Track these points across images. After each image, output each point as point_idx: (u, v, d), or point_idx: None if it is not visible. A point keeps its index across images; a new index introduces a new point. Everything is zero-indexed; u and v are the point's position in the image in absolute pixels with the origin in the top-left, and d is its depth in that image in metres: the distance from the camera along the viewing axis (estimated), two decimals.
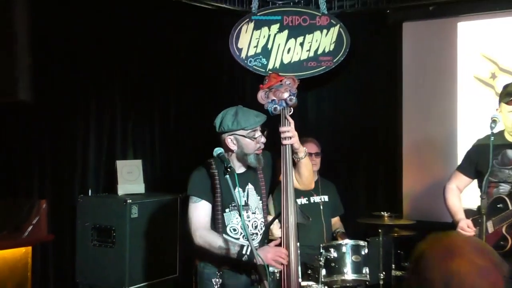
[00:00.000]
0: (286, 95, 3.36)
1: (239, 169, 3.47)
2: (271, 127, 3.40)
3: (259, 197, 3.44)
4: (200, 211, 3.39)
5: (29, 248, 4.10)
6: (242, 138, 3.36)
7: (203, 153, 4.34)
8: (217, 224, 3.40)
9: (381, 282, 4.50)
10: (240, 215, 3.25)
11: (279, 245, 3.31)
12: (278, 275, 3.66)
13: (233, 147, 3.38)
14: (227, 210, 3.40)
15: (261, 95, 3.42)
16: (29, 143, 4.39)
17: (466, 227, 3.79)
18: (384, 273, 4.45)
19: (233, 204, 3.40)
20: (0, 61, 3.66)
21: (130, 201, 4.34)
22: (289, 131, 3.30)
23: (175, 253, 4.67)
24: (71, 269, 4.46)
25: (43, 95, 4.33)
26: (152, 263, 4.49)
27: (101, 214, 4.39)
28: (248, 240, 3.15)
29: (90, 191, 4.62)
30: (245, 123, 3.32)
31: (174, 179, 5.22)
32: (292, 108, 3.38)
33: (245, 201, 3.44)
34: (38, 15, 4.14)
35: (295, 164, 3.42)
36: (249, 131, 3.33)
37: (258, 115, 3.34)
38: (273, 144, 3.40)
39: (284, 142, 3.33)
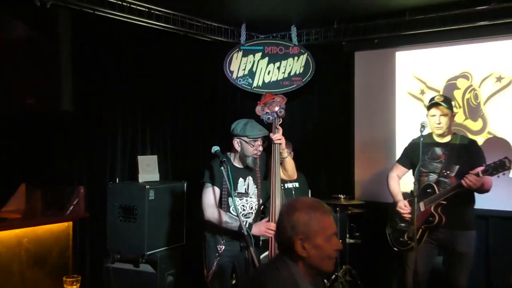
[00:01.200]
0: (277, 108, 3.50)
1: (241, 165, 3.53)
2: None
3: (255, 186, 3.54)
4: (211, 194, 3.46)
5: (70, 223, 4.08)
6: (245, 143, 3.44)
7: (203, 151, 4.38)
8: (223, 205, 3.46)
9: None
10: (232, 198, 3.31)
11: (268, 221, 3.39)
12: (261, 242, 3.70)
13: (238, 148, 3.50)
14: (234, 195, 3.44)
15: (258, 109, 3.57)
16: (71, 143, 4.36)
17: (403, 206, 3.82)
18: (340, 241, 4.44)
19: (236, 191, 3.46)
20: (49, 78, 3.66)
21: (148, 186, 4.31)
22: (278, 137, 3.43)
23: (182, 226, 4.66)
24: (103, 239, 4.42)
25: (82, 106, 4.33)
26: (165, 234, 4.47)
27: (126, 197, 4.35)
28: (239, 218, 3.27)
29: (117, 179, 4.59)
30: (250, 133, 3.42)
31: (180, 170, 5.22)
32: (281, 119, 3.52)
33: (245, 189, 3.55)
34: (80, 44, 4.13)
35: (281, 162, 3.50)
36: (251, 139, 3.40)
37: (261, 129, 3.45)
38: (267, 145, 3.50)
39: (274, 142, 3.42)
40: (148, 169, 4.66)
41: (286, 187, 4.73)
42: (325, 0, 4.65)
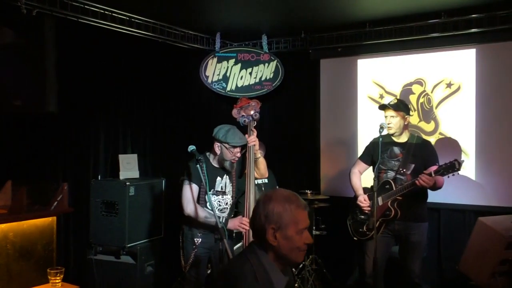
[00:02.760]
0: (252, 112, 3.54)
1: (219, 165, 3.55)
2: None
3: (231, 184, 3.56)
4: (190, 191, 3.46)
5: (55, 218, 4.02)
6: (225, 149, 3.45)
7: (180, 150, 4.36)
8: (201, 201, 3.47)
9: None
10: (206, 194, 3.32)
11: (243, 216, 3.46)
12: (234, 235, 3.73)
13: (217, 151, 3.50)
14: (208, 192, 3.44)
15: (234, 112, 3.59)
16: (55, 143, 4.31)
17: (363, 200, 3.88)
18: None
19: (213, 189, 3.48)
20: (35, 82, 3.61)
21: (129, 183, 4.30)
22: (253, 139, 3.47)
23: (161, 220, 4.65)
24: (86, 232, 4.38)
25: (67, 108, 4.28)
26: (145, 227, 4.46)
27: (108, 193, 4.33)
28: (214, 213, 3.27)
29: (100, 176, 4.55)
30: (231, 140, 3.42)
31: (159, 168, 5.21)
32: (256, 122, 3.57)
33: (222, 187, 3.55)
34: (65, 49, 4.08)
35: (255, 162, 3.53)
36: (231, 146, 3.42)
37: (242, 138, 3.46)
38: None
39: (249, 144, 3.46)
40: (129, 166, 4.63)
41: (256, 183, 4.72)
42: (293, 12, 4.69)
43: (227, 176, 3.56)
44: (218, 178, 3.51)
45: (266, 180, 4.83)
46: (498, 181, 4.51)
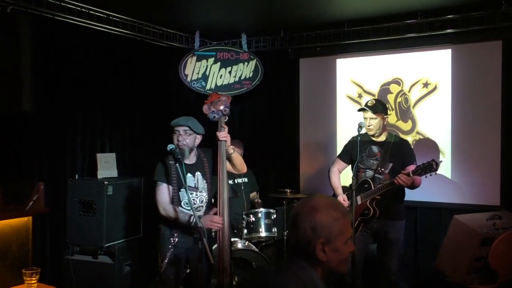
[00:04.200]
0: (222, 107, 3.41)
1: (192, 160, 3.49)
2: (214, 130, 3.42)
3: (205, 181, 3.49)
4: (163, 191, 3.42)
5: (30, 218, 3.97)
6: (172, 134, 3.44)
7: (159, 149, 4.34)
8: (174, 200, 3.42)
9: (285, 238, 4.55)
10: (186, 192, 3.28)
11: (216, 214, 3.37)
12: (214, 234, 3.70)
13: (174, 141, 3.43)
14: (181, 189, 3.41)
15: (205, 108, 3.46)
16: (31, 142, 4.22)
17: (343, 200, 3.87)
18: (286, 231, 4.46)
19: (187, 185, 3.42)
20: (9, 80, 3.53)
21: (107, 182, 4.24)
22: (223, 135, 3.37)
23: (139, 219, 4.60)
24: (63, 232, 4.31)
25: (43, 106, 4.21)
26: (123, 227, 4.40)
27: (85, 192, 4.26)
28: (193, 211, 3.21)
29: (77, 175, 4.48)
30: (172, 123, 3.42)
31: (138, 167, 5.14)
32: (227, 117, 3.44)
33: (195, 183, 3.49)
34: (41, 47, 4.01)
35: (228, 158, 3.46)
36: (173, 129, 3.43)
37: (185, 119, 3.45)
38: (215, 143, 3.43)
39: (220, 139, 3.37)
40: (107, 166, 4.57)
41: (235, 182, 4.75)
42: (272, 11, 4.69)
43: (199, 173, 3.50)
44: (189, 175, 3.45)
45: (246, 179, 4.84)
46: (473, 179, 4.58)
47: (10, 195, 3.86)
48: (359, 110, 3.87)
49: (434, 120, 4.78)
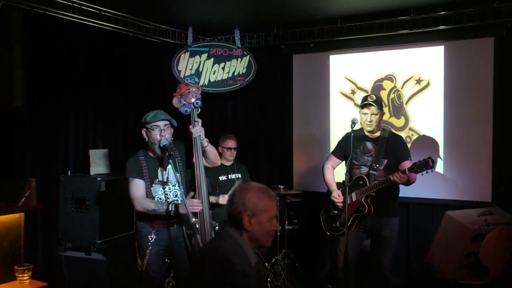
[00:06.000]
0: (193, 100, 3.32)
1: (156, 155, 3.45)
2: (187, 124, 3.39)
3: (178, 174, 3.32)
4: (136, 186, 3.35)
5: (22, 214, 3.94)
6: (150, 131, 3.40)
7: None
8: (148, 196, 3.38)
9: (278, 233, 4.56)
10: (180, 187, 3.24)
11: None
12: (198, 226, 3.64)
13: (145, 138, 3.45)
14: (153, 184, 3.37)
15: (175, 101, 3.37)
16: (23, 138, 4.19)
17: (337, 195, 3.88)
18: (280, 227, 4.38)
19: (157, 180, 3.36)
20: (0, 76, 3.51)
21: (99, 179, 4.22)
22: (198, 131, 3.32)
23: (132, 215, 4.56)
24: (55, 229, 4.29)
25: (34, 103, 4.18)
26: (116, 223, 4.39)
27: (78, 188, 4.24)
28: (183, 199, 3.19)
29: (69, 172, 4.46)
30: (150, 119, 3.38)
31: None
32: (199, 109, 3.37)
33: (167, 178, 3.43)
34: (32, 43, 3.99)
35: (203, 151, 3.42)
36: (152, 125, 3.38)
37: (164, 114, 3.43)
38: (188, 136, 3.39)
39: (193, 135, 3.34)
40: (99, 162, 4.56)
41: (229, 178, 4.75)
42: (265, 7, 4.68)
43: (170, 166, 3.39)
44: (160, 169, 3.41)
45: (239, 175, 4.84)
46: (466, 175, 4.60)
47: (2, 191, 3.83)
48: (363, 105, 3.82)
49: (426, 117, 4.79)
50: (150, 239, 3.37)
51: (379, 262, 3.83)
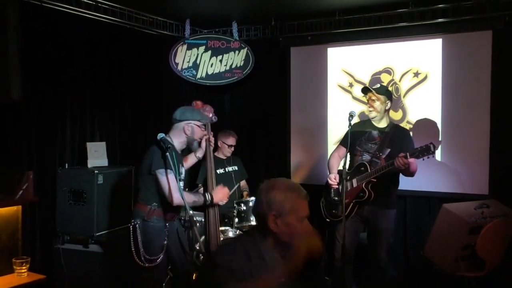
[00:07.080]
0: (211, 115, 3.79)
1: (179, 151, 3.52)
2: None
3: (183, 168, 3.56)
4: (172, 180, 3.25)
5: (20, 207, 3.93)
6: (196, 127, 3.47)
7: (150, 137, 4.31)
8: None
9: None
10: (177, 182, 3.26)
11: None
12: (202, 223, 3.72)
13: (188, 132, 3.46)
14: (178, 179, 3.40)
15: (208, 110, 3.80)
16: (21, 130, 4.16)
17: (333, 178, 3.91)
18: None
19: (180, 176, 3.44)
20: None
21: (97, 171, 4.22)
22: (212, 139, 3.77)
23: (130, 208, 4.58)
24: (53, 222, 4.29)
25: (31, 95, 4.16)
26: (113, 216, 4.39)
27: (75, 181, 4.23)
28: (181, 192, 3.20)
29: (67, 164, 4.44)
30: (201, 118, 3.50)
31: (127, 156, 5.12)
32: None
33: (183, 174, 3.53)
34: (29, 35, 3.96)
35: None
36: (202, 123, 3.52)
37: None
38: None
39: (212, 145, 3.76)
40: (97, 154, 4.55)
41: (226, 170, 4.76)
42: (263, 0, 4.66)
43: (181, 163, 3.55)
44: (180, 165, 3.47)
45: (236, 168, 4.86)
46: (462, 168, 4.62)
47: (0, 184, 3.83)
48: (363, 90, 3.89)
49: (424, 109, 4.80)
50: (166, 232, 3.37)
51: (375, 254, 3.85)
